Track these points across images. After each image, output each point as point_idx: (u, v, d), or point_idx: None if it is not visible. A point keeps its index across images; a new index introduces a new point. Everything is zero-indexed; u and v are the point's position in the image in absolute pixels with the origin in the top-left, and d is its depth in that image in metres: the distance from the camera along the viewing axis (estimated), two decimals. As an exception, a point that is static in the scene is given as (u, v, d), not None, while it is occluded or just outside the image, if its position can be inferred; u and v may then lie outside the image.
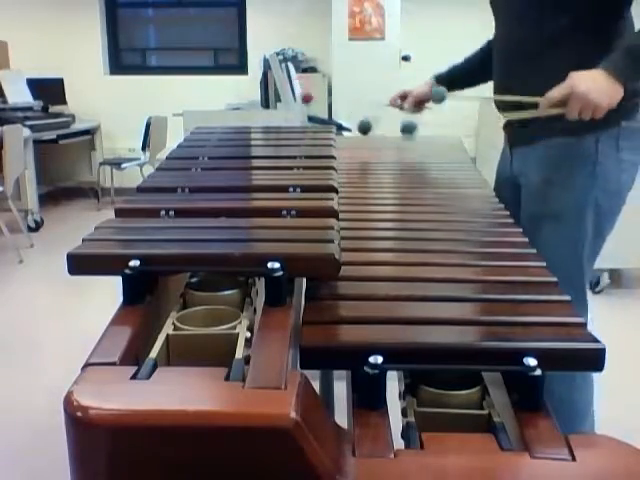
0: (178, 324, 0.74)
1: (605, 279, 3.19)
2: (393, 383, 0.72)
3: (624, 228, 1.51)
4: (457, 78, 1.72)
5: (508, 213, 1.18)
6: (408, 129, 1.85)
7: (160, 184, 1.23)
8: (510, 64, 1.45)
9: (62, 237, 4.30)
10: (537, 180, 1.43)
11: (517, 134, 1.49)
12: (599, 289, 3.16)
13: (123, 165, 5.22)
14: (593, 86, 1.21)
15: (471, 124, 5.24)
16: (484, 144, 5.12)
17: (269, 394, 0.55)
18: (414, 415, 0.65)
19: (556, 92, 1.24)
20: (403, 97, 1.74)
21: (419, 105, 1.73)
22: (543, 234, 1.38)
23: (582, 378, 1.44)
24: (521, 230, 1.09)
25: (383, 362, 0.64)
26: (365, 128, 1.91)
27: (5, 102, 4.86)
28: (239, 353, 0.66)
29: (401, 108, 1.75)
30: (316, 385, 1.53)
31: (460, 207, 1.24)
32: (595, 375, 1.44)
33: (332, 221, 0.95)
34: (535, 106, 1.29)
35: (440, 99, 1.63)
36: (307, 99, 2.01)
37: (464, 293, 0.83)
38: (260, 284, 0.83)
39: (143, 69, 6.12)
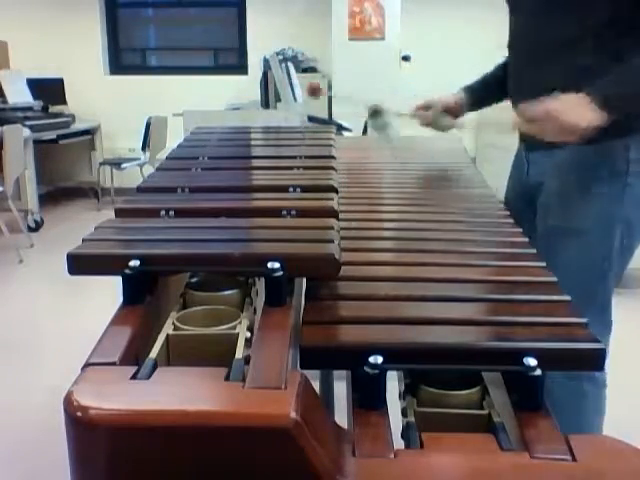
0: (178, 324, 0.74)
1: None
2: (393, 383, 0.72)
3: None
4: (490, 91, 1.57)
5: (508, 213, 1.18)
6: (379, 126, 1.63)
7: (160, 184, 1.23)
8: (527, 64, 1.35)
9: (62, 237, 4.30)
10: (556, 190, 1.32)
11: (527, 139, 1.37)
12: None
13: (123, 165, 5.22)
14: (569, 107, 1.12)
15: (471, 124, 5.24)
16: (484, 144, 5.12)
17: (269, 394, 0.55)
18: (414, 415, 0.65)
19: (529, 107, 1.16)
20: (427, 108, 1.59)
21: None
22: (565, 251, 1.27)
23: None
24: (521, 230, 1.09)
25: (383, 362, 0.64)
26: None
27: (5, 102, 4.86)
28: (239, 353, 0.66)
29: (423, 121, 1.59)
30: (316, 385, 1.53)
31: (460, 207, 1.24)
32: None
33: (332, 221, 0.95)
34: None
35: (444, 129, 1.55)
36: (314, 91, 1.84)
37: (464, 293, 0.83)
38: (260, 284, 0.83)
39: (143, 69, 6.12)
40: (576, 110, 1.12)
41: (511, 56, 1.43)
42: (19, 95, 5.04)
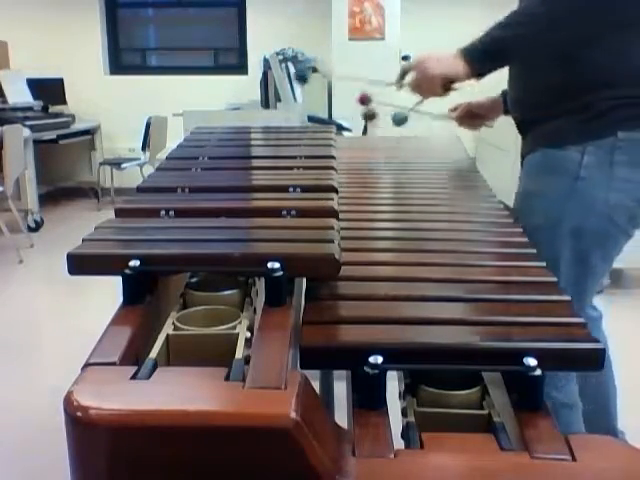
0: (178, 324, 0.74)
1: (605, 279, 3.19)
2: (393, 383, 0.72)
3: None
4: None
5: (508, 213, 1.18)
6: (399, 121, 1.68)
7: (160, 184, 1.23)
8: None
9: (62, 237, 4.30)
10: (520, 192, 1.35)
11: (523, 145, 1.39)
12: (599, 289, 3.16)
13: (123, 165, 5.22)
14: (432, 56, 1.26)
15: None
16: (484, 144, 5.12)
17: (269, 394, 0.55)
18: (414, 415, 0.65)
19: (407, 63, 1.31)
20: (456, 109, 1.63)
21: (472, 118, 1.61)
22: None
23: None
24: (521, 230, 1.09)
25: (383, 362, 0.64)
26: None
27: (5, 102, 4.86)
28: (239, 353, 0.66)
29: (460, 123, 1.64)
30: (316, 385, 1.53)
31: (460, 207, 1.24)
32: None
33: (332, 221, 0.95)
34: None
35: (400, 122, 1.58)
36: (364, 100, 1.86)
37: (464, 293, 0.83)
38: (260, 284, 0.83)
39: (143, 69, 6.12)
40: (437, 57, 1.25)
41: None
42: (19, 95, 5.04)
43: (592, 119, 1.21)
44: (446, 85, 1.29)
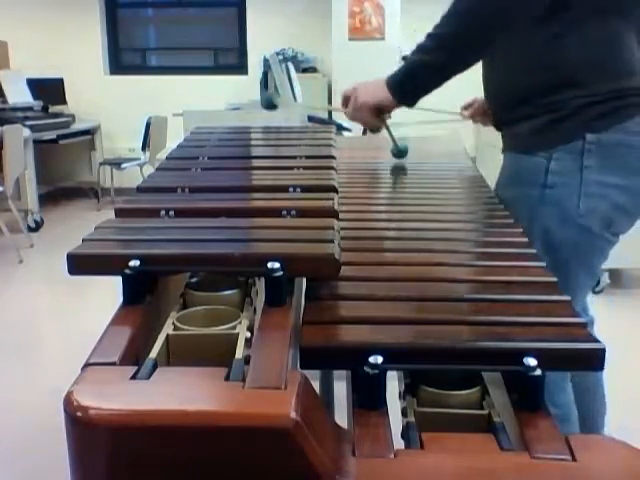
0: (178, 324, 0.74)
1: (605, 279, 3.19)
2: (393, 383, 0.72)
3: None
4: None
5: (508, 213, 1.18)
6: (400, 153, 1.62)
7: (160, 184, 1.23)
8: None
9: (62, 237, 4.30)
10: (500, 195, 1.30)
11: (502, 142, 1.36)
12: (599, 289, 3.16)
13: (123, 165, 5.23)
14: (365, 88, 1.29)
15: (471, 124, 5.24)
16: (484, 144, 5.12)
17: (269, 394, 0.55)
18: (414, 415, 0.65)
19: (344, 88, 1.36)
20: (470, 106, 1.61)
21: (484, 114, 1.54)
22: None
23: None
24: (521, 230, 1.09)
25: (383, 362, 0.64)
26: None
27: (5, 102, 4.86)
28: (239, 353, 0.66)
29: (474, 120, 1.62)
30: (316, 385, 1.53)
31: (460, 207, 1.24)
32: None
33: (332, 221, 0.95)
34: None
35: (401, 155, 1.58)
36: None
37: (464, 293, 0.83)
38: (260, 284, 0.83)
39: (143, 69, 6.12)
40: (370, 90, 1.27)
41: None
42: (19, 95, 5.04)
43: (560, 120, 1.16)
44: (378, 113, 1.30)
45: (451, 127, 1.74)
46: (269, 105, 1.81)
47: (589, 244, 1.20)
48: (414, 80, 1.23)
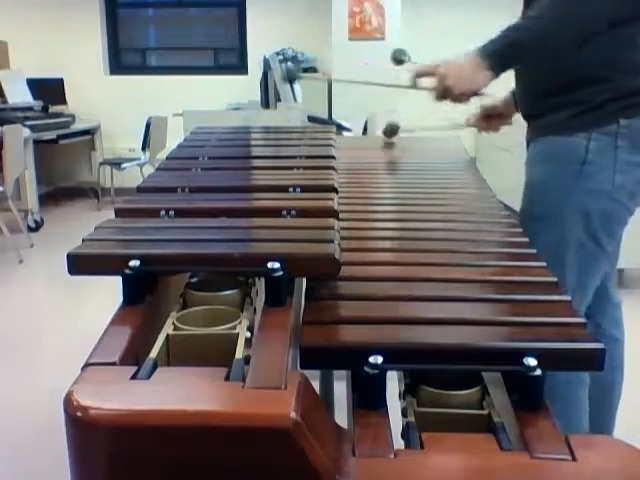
0: (178, 324, 0.74)
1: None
2: (393, 383, 0.72)
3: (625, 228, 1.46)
4: None
5: (508, 213, 1.18)
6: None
7: (160, 184, 1.23)
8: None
9: (62, 237, 4.30)
10: (527, 179, 1.41)
11: (528, 132, 1.45)
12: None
13: (123, 165, 5.22)
14: (454, 71, 1.26)
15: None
16: (484, 144, 5.12)
17: (269, 394, 0.55)
18: (414, 415, 0.65)
19: (421, 67, 1.33)
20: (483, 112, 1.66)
21: (489, 121, 1.66)
22: (529, 237, 1.33)
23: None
24: (521, 230, 1.09)
25: (383, 362, 0.64)
26: (392, 131, 1.74)
27: (5, 102, 4.86)
28: (239, 353, 0.66)
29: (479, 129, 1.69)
30: (316, 385, 1.53)
31: (460, 207, 1.24)
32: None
33: (332, 221, 0.95)
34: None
35: (399, 61, 1.59)
36: (393, 133, 1.89)
37: (464, 293, 0.83)
38: (260, 284, 0.83)
39: (143, 69, 6.12)
40: (460, 74, 1.26)
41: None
42: (19, 95, 5.04)
43: (592, 110, 1.28)
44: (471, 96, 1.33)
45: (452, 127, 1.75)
46: (397, 60, 1.71)
47: (617, 214, 1.34)
48: (517, 56, 1.29)
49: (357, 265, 0.91)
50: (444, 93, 1.29)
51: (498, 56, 1.26)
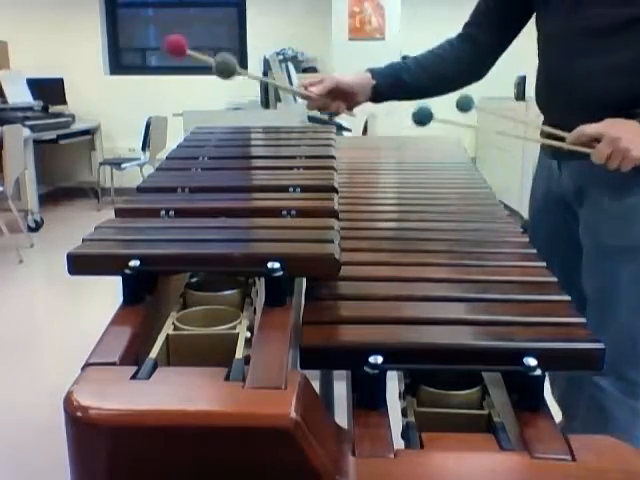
0: (178, 324, 0.74)
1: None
2: (393, 383, 0.72)
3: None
4: (402, 83, 1.37)
5: (508, 213, 1.18)
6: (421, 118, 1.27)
7: (160, 184, 1.23)
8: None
9: (62, 237, 4.30)
10: (607, 208, 1.22)
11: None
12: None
13: (123, 165, 5.22)
14: (626, 134, 1.07)
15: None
16: (484, 144, 5.12)
17: (269, 394, 0.55)
18: (414, 415, 0.65)
19: (588, 129, 1.10)
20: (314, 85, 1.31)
21: (335, 97, 1.31)
22: (625, 269, 1.19)
23: None
24: (521, 230, 1.09)
25: (383, 362, 0.64)
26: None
27: (5, 102, 4.86)
28: (239, 353, 0.66)
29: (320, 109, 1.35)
30: (316, 385, 1.53)
31: (460, 207, 1.24)
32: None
33: (332, 221, 0.95)
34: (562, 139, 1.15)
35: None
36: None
37: (464, 293, 0.83)
38: (260, 284, 0.83)
39: (143, 69, 6.12)
40: (633, 137, 1.07)
41: (545, 57, 1.32)
42: (19, 95, 5.04)
43: None
44: None
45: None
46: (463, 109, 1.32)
47: None
48: None
49: (357, 265, 0.91)
50: (616, 158, 1.08)
51: None
